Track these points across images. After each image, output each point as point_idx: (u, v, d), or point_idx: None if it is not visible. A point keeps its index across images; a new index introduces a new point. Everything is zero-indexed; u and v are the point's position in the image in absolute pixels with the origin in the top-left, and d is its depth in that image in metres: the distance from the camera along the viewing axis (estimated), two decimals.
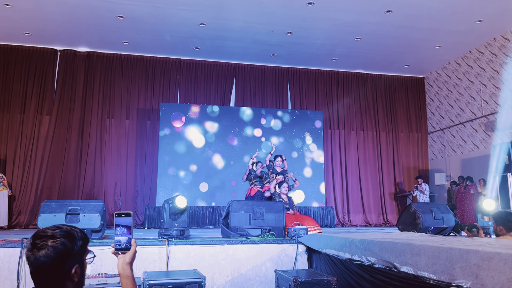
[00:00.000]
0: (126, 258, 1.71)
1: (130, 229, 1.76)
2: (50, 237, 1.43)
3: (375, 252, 3.16)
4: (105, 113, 11.17)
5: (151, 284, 3.52)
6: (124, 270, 1.70)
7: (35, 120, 10.64)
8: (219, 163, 10.99)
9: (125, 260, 1.70)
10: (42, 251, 1.40)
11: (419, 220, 5.59)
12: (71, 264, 1.44)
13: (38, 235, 1.44)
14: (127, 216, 1.78)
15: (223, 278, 4.70)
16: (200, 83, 11.91)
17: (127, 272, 1.69)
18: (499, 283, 1.96)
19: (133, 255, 1.73)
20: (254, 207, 5.41)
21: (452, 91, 12.07)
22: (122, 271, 1.70)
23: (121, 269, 1.70)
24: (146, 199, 10.94)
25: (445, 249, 2.45)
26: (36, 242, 1.42)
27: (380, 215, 12.26)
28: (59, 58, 11.14)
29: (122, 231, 1.75)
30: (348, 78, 12.90)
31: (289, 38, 10.45)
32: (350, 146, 12.51)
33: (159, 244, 4.65)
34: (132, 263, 1.72)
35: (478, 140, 11.00)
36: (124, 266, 1.70)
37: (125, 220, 1.77)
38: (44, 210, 4.84)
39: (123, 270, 1.70)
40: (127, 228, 1.76)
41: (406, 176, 12.77)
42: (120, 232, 1.75)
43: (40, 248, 1.40)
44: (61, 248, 1.41)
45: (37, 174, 10.38)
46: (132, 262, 1.72)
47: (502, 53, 10.22)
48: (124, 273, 1.69)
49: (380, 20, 9.43)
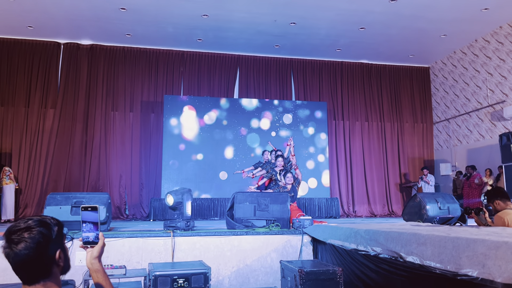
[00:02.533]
0: (94, 252, 1.68)
1: (97, 225, 1.71)
2: (25, 229, 1.41)
3: (380, 242, 3.15)
4: (109, 106, 11.18)
5: (157, 275, 3.53)
6: (93, 264, 1.67)
7: (39, 114, 10.67)
8: (223, 155, 10.99)
9: (93, 254, 1.68)
10: (20, 244, 1.39)
11: (424, 211, 5.57)
12: (53, 250, 1.45)
13: (11, 230, 1.42)
14: (93, 211, 1.73)
15: (229, 269, 4.72)
16: (203, 75, 11.88)
17: (95, 266, 1.67)
18: (507, 272, 1.95)
19: (101, 249, 1.71)
20: (259, 198, 5.40)
21: (457, 81, 11.96)
22: (91, 266, 1.67)
23: (89, 263, 1.68)
24: (151, 191, 10.97)
25: (452, 238, 2.44)
26: (12, 237, 1.40)
27: (385, 206, 12.24)
28: (63, 51, 11.14)
29: (89, 228, 1.71)
30: (352, 68, 12.81)
31: (293, 28, 10.38)
32: (354, 136, 12.46)
33: (164, 236, 4.66)
34: (100, 257, 1.69)
35: (484, 130, 10.92)
36: (92, 260, 1.67)
37: (92, 215, 1.72)
38: (50, 203, 4.86)
39: (91, 265, 1.67)
40: (94, 224, 1.71)
41: (411, 167, 12.72)
42: (87, 228, 1.71)
43: (17, 242, 1.39)
44: (39, 237, 1.41)
45: (43, 167, 10.44)
46: (100, 256, 1.69)
47: (509, 41, 10.09)
48: (93, 267, 1.67)
49: (385, 9, 9.33)
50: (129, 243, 4.57)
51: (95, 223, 1.72)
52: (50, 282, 1.44)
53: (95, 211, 1.73)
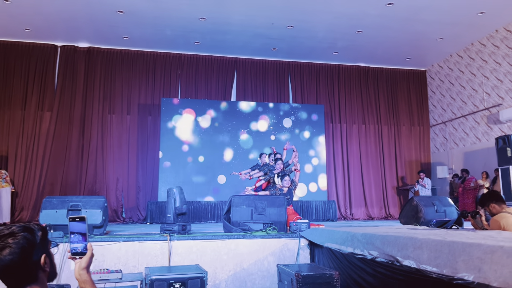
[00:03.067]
0: (82, 263, 1.67)
1: (85, 236, 1.70)
2: (8, 235, 1.41)
3: (377, 246, 3.15)
4: (106, 108, 11.16)
5: (153, 280, 3.52)
6: (81, 275, 1.65)
7: (36, 116, 10.64)
8: (221, 158, 10.99)
9: (81, 265, 1.66)
10: (5, 250, 1.39)
11: (421, 214, 5.58)
12: (38, 255, 1.45)
13: None
14: (81, 221, 1.71)
15: (225, 273, 4.71)
16: (201, 78, 11.88)
17: (84, 277, 1.65)
18: (502, 276, 1.95)
19: (89, 260, 1.69)
20: (256, 202, 5.40)
21: (454, 84, 12.01)
22: (79, 277, 1.65)
23: (78, 274, 1.66)
24: (148, 195, 10.95)
25: (448, 242, 2.44)
26: None
27: (382, 209, 12.26)
28: (59, 53, 11.12)
29: (78, 239, 1.69)
30: (349, 71, 12.85)
31: (290, 31, 10.40)
32: (351, 139, 12.48)
33: (161, 240, 4.65)
34: (88, 268, 1.68)
35: (480, 133, 10.96)
36: (80, 271, 1.65)
37: (80, 226, 1.71)
38: (46, 206, 4.85)
39: (79, 276, 1.65)
40: (82, 236, 1.70)
41: (408, 170, 12.74)
42: (76, 239, 1.69)
43: (2, 248, 1.39)
44: (24, 242, 1.41)
45: (39, 170, 10.40)
46: (88, 266, 1.68)
47: (505, 45, 10.15)
48: (81, 278, 1.65)
49: (382, 12, 9.36)
50: (126, 247, 4.56)
51: (84, 234, 1.71)
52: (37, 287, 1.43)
53: (83, 222, 1.72)
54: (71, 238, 1.70)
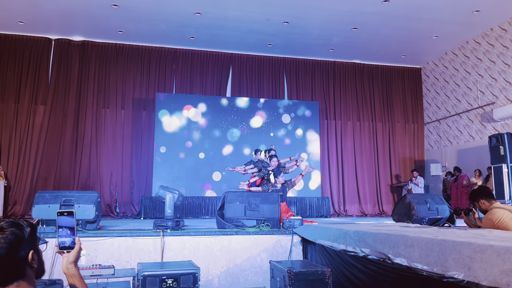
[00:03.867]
0: (70, 257, 1.67)
1: (73, 230, 1.70)
2: None
3: (369, 243, 3.17)
4: (100, 103, 11.11)
5: (146, 275, 3.52)
6: (69, 269, 1.66)
7: (29, 110, 10.57)
8: (215, 154, 10.98)
9: (69, 259, 1.67)
10: None
11: (413, 211, 5.60)
12: (25, 251, 1.44)
13: None
14: (69, 215, 1.71)
15: (218, 269, 4.72)
16: (196, 73, 11.84)
17: (71, 271, 1.66)
18: (492, 275, 1.97)
19: (77, 254, 1.70)
20: (250, 198, 5.40)
21: (448, 82, 12.05)
22: (67, 271, 1.66)
23: (65, 268, 1.66)
24: (142, 189, 10.93)
25: (439, 241, 2.46)
26: None
27: (376, 206, 12.32)
28: (54, 47, 11.04)
29: (66, 233, 1.70)
30: (344, 68, 12.85)
31: (286, 27, 10.38)
32: (346, 136, 12.51)
33: (154, 235, 4.64)
34: (76, 262, 1.68)
35: (474, 131, 11.02)
36: (68, 265, 1.66)
37: (68, 220, 1.71)
38: (38, 201, 4.82)
39: (67, 270, 1.66)
40: (70, 230, 1.70)
41: (402, 167, 12.80)
42: (64, 234, 1.70)
43: None
44: (12, 238, 1.40)
45: (32, 164, 10.34)
46: (76, 261, 1.69)
47: (499, 43, 10.19)
48: (69, 272, 1.66)
49: (377, 9, 9.36)
50: (118, 243, 4.55)
51: (72, 228, 1.71)
52: (24, 283, 1.43)
53: (71, 216, 1.72)
54: (59, 232, 1.70)
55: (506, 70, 9.98)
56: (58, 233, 1.70)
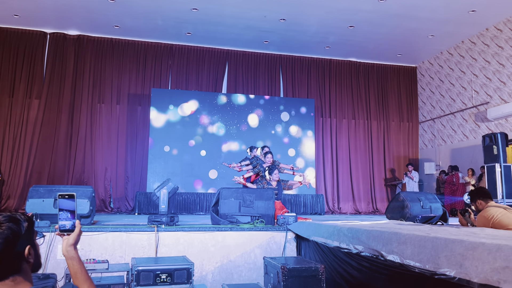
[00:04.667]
0: (70, 239, 1.68)
1: (74, 214, 1.72)
2: None
3: (362, 240, 3.19)
4: (95, 97, 11.06)
5: (140, 270, 3.53)
6: (68, 251, 1.67)
7: (24, 104, 10.50)
8: (211, 150, 10.98)
9: (69, 242, 1.68)
10: None
11: (407, 209, 5.64)
12: (22, 246, 1.44)
13: None
14: (70, 198, 1.73)
15: (212, 265, 4.73)
16: (192, 69, 11.81)
17: (71, 253, 1.67)
18: (483, 273, 1.99)
19: (77, 237, 1.71)
20: (244, 195, 5.42)
21: (443, 81, 12.11)
22: (66, 253, 1.67)
23: (65, 250, 1.68)
24: (137, 185, 10.91)
25: (431, 238, 2.48)
26: None
27: (370, 203, 12.37)
28: (49, 41, 10.96)
29: (66, 216, 1.71)
30: (340, 66, 12.87)
31: (282, 24, 10.37)
32: (341, 134, 12.54)
33: (148, 231, 4.65)
34: (76, 245, 1.70)
35: (468, 130, 11.09)
36: (68, 248, 1.67)
37: (69, 203, 1.72)
38: (32, 195, 4.81)
39: (67, 252, 1.67)
40: (71, 213, 1.72)
41: (396, 165, 12.86)
42: (64, 216, 1.71)
43: None
44: (8, 233, 1.40)
45: (26, 158, 10.29)
46: (76, 243, 1.70)
47: (494, 43, 10.24)
48: (69, 254, 1.67)
49: (374, 8, 9.38)
50: (113, 237, 4.55)
51: (72, 211, 1.72)
52: (20, 278, 1.43)
53: (72, 199, 1.73)
54: (60, 215, 1.71)
55: (500, 70, 10.04)
56: (59, 215, 1.71)
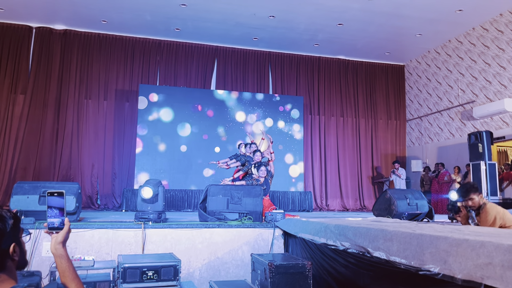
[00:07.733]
0: (59, 237, 1.66)
1: (63, 211, 1.70)
2: None
3: (349, 237, 3.21)
4: (82, 93, 10.93)
5: (126, 267, 3.50)
6: (57, 249, 1.65)
7: (9, 99, 10.33)
8: (199, 147, 10.94)
9: (57, 240, 1.66)
10: None
11: (394, 206, 5.70)
12: (7, 244, 1.42)
13: None
14: (59, 196, 1.70)
15: (200, 262, 4.72)
16: (180, 65, 11.74)
17: (59, 251, 1.65)
18: (466, 269, 2.02)
19: (66, 235, 1.69)
20: (232, 191, 5.41)
21: (430, 80, 12.23)
22: (55, 251, 1.65)
23: (54, 248, 1.66)
24: (124, 182, 10.82)
25: (416, 235, 2.51)
26: None
27: (358, 201, 12.46)
28: (34, 35, 10.79)
29: (55, 213, 1.69)
30: (329, 64, 12.92)
31: (272, 21, 10.36)
32: (329, 132, 12.60)
33: (135, 227, 4.62)
34: (65, 243, 1.68)
35: (454, 129, 11.22)
36: (56, 245, 1.65)
37: (58, 201, 1.70)
38: (17, 192, 4.74)
39: (55, 250, 1.65)
40: (60, 210, 1.69)
41: (384, 163, 12.96)
42: (53, 214, 1.68)
43: None
44: None
45: (11, 154, 10.13)
46: (65, 241, 1.68)
47: (480, 43, 10.36)
48: (57, 252, 1.65)
49: (363, 6, 9.42)
50: (99, 234, 4.51)
51: (61, 209, 1.70)
52: (4, 275, 1.41)
53: (61, 197, 1.70)
54: (48, 212, 1.68)
55: (486, 69, 10.17)
56: (47, 213, 1.69)
